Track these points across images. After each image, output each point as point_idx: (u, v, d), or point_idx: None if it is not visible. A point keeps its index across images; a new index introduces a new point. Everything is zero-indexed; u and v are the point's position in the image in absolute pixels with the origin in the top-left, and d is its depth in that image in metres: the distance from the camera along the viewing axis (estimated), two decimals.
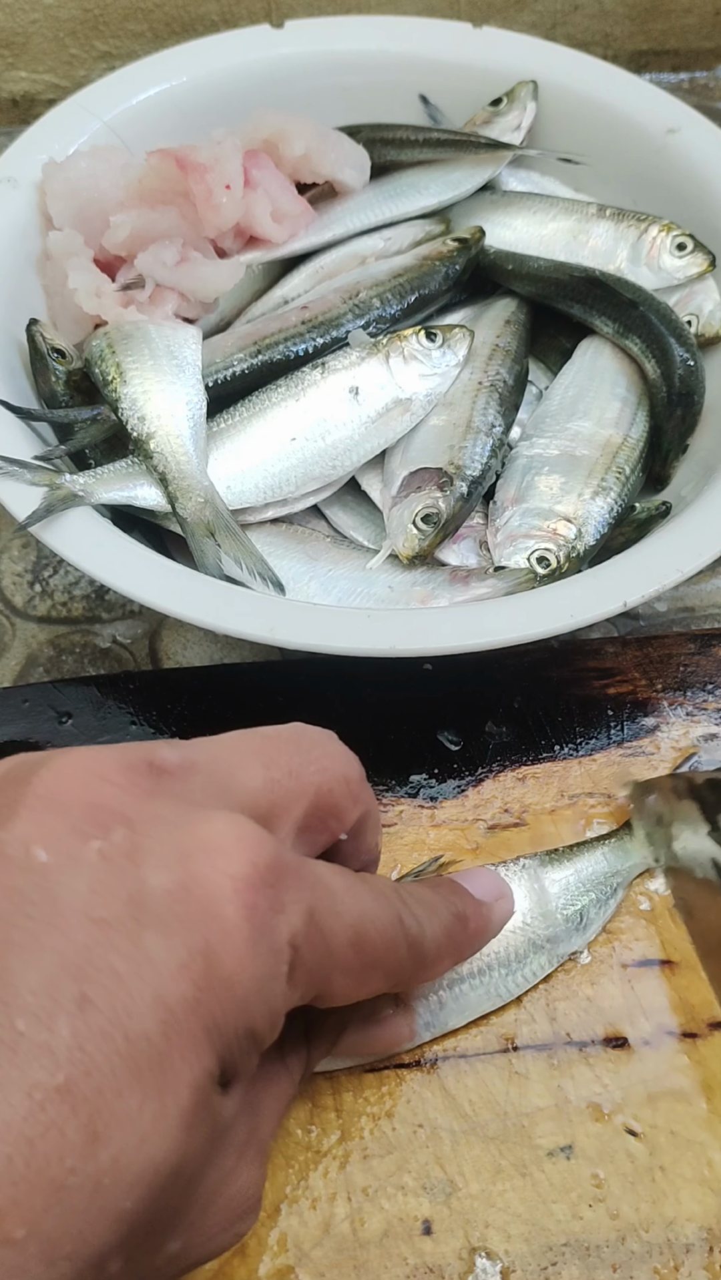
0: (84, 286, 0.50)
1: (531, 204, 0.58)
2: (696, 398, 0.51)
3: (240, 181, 0.51)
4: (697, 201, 0.56)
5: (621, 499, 0.48)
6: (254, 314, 0.55)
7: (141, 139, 0.55)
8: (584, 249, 0.56)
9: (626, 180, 0.59)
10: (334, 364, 0.50)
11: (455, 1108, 0.37)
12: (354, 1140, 0.36)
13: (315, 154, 0.55)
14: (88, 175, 0.52)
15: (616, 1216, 0.35)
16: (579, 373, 0.53)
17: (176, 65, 0.58)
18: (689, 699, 0.47)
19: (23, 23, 0.69)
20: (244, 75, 0.59)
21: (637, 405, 0.51)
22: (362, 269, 0.55)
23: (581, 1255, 0.35)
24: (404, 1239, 0.35)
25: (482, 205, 0.58)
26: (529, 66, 0.60)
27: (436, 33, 0.61)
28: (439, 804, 0.44)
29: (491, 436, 0.49)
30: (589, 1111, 0.37)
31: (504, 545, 0.47)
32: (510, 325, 0.54)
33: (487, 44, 0.61)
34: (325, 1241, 0.35)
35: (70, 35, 0.70)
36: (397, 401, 0.50)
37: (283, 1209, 0.35)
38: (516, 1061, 0.38)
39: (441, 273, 0.54)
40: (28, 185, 0.53)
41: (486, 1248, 0.35)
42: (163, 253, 0.51)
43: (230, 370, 0.50)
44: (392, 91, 0.61)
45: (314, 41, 0.60)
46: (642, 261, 0.55)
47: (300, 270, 0.56)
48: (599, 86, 0.60)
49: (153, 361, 0.48)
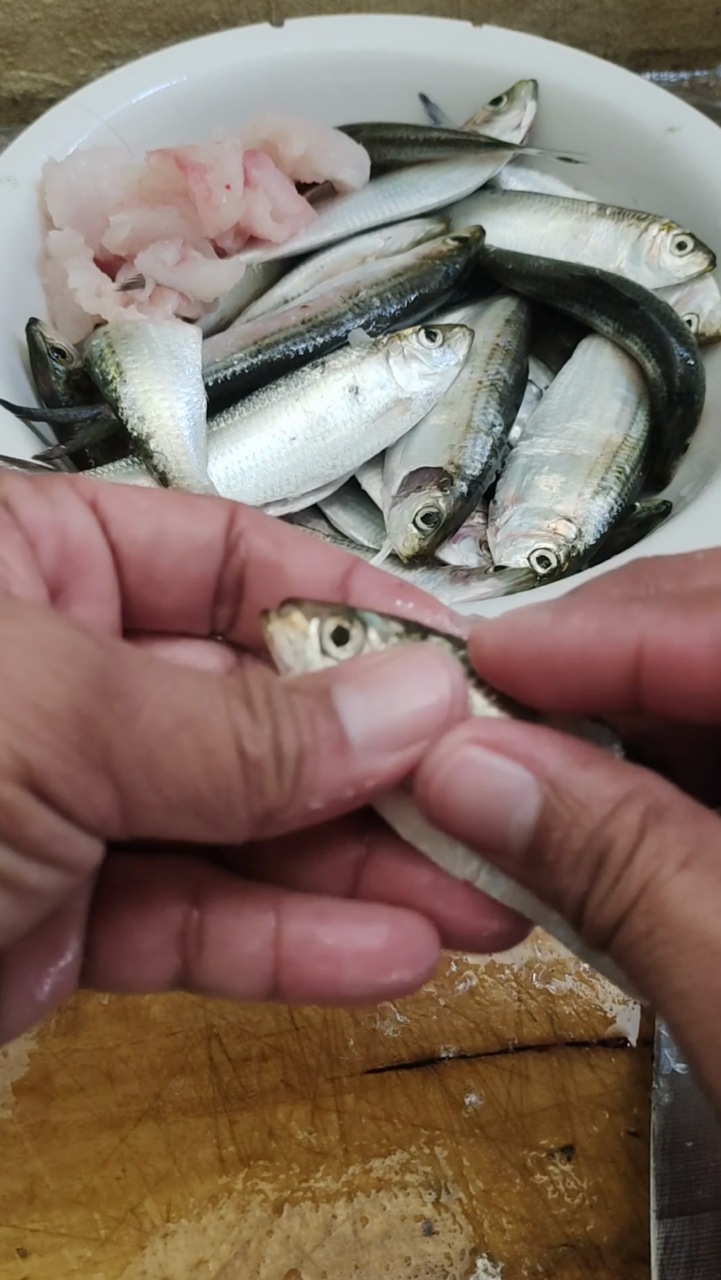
0: (84, 286, 0.50)
1: (531, 203, 0.58)
2: (696, 397, 0.50)
3: (240, 181, 0.51)
4: (698, 201, 0.56)
5: (622, 498, 0.48)
6: (254, 313, 0.55)
7: (141, 138, 0.55)
8: (584, 248, 0.56)
9: (626, 179, 0.59)
10: (334, 363, 0.50)
11: (456, 1108, 0.37)
12: (355, 1141, 0.36)
13: (315, 153, 0.55)
14: (88, 175, 0.52)
15: (617, 1217, 0.35)
16: (579, 372, 0.53)
17: (176, 65, 0.58)
18: None
19: (23, 22, 0.69)
20: (244, 74, 0.59)
21: (638, 404, 0.51)
22: (362, 268, 0.54)
23: (581, 1256, 0.35)
24: (405, 1240, 0.35)
25: (483, 204, 0.58)
26: (529, 65, 0.60)
27: (436, 32, 0.61)
28: None
29: (491, 436, 0.49)
30: (590, 1112, 0.37)
31: (504, 545, 0.47)
32: (510, 324, 0.54)
33: (488, 43, 0.61)
34: (326, 1242, 0.35)
35: (70, 35, 0.70)
36: (397, 401, 0.50)
37: (284, 1209, 0.35)
38: (517, 1062, 0.38)
39: (441, 272, 0.54)
40: (27, 185, 0.53)
41: (487, 1248, 0.35)
42: (163, 252, 0.50)
43: (230, 370, 0.50)
44: (393, 90, 0.61)
45: (314, 40, 0.60)
46: (643, 260, 0.55)
47: (300, 269, 0.56)
48: (599, 85, 0.59)
49: (153, 361, 0.48)
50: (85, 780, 0.19)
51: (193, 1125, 0.37)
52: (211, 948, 0.23)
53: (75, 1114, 0.37)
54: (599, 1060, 0.38)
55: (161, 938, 0.23)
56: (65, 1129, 0.37)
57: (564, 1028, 0.39)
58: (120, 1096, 0.37)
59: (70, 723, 0.18)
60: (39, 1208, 0.35)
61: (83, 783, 0.19)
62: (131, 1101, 0.37)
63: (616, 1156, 0.36)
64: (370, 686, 0.21)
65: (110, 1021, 0.38)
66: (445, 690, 0.21)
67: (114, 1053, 0.38)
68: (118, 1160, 0.36)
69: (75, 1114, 0.37)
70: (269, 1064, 0.38)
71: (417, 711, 0.21)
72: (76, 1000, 0.39)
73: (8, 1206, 0.35)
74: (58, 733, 0.18)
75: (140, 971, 0.23)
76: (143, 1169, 0.36)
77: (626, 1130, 0.37)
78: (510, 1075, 0.38)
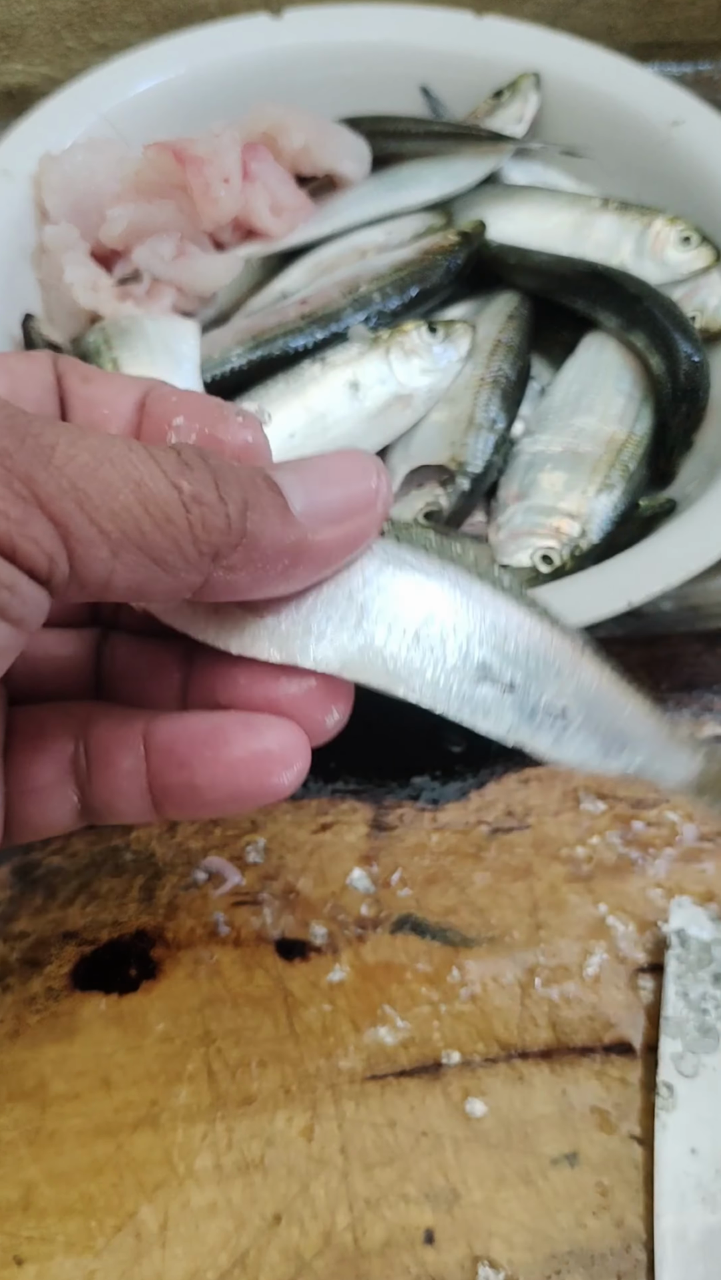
0: (80, 280, 0.50)
1: (534, 197, 0.57)
2: (701, 393, 0.50)
3: (238, 174, 0.50)
4: (702, 194, 0.55)
5: (626, 496, 0.48)
6: (252, 308, 0.54)
7: (138, 131, 0.55)
8: (587, 242, 0.55)
9: (630, 173, 0.58)
10: (334, 359, 0.49)
11: (457, 1115, 0.37)
12: (355, 1149, 0.36)
13: (315, 146, 0.54)
14: (84, 168, 0.52)
15: (621, 1225, 0.35)
16: (582, 368, 0.52)
17: (174, 56, 0.58)
18: (695, 699, 0.47)
19: (18, 14, 0.68)
20: (242, 66, 0.58)
21: (642, 401, 0.51)
22: (363, 262, 0.54)
23: (585, 1264, 0.34)
24: (406, 1248, 0.34)
25: (485, 198, 0.58)
26: (532, 57, 0.59)
27: (438, 22, 0.60)
28: (441, 806, 0.43)
29: (494, 432, 0.49)
30: (593, 1119, 0.37)
31: (507, 543, 0.46)
32: (512, 320, 0.53)
33: (490, 34, 0.60)
34: (326, 1251, 0.34)
35: (66, 27, 0.70)
36: (398, 397, 0.49)
37: (283, 1218, 0.35)
38: (520, 1068, 0.38)
39: (443, 266, 0.53)
40: (23, 178, 0.52)
41: (489, 1257, 0.34)
42: (160, 246, 0.50)
43: (228, 365, 0.49)
44: (393, 82, 0.60)
45: (313, 31, 0.59)
46: (647, 255, 0.54)
47: (299, 264, 0.55)
48: (603, 78, 0.59)
49: (150, 356, 0.47)
50: (16, 512, 0.19)
51: (190, 1132, 0.36)
52: (96, 770, 0.25)
53: (71, 1121, 0.36)
54: (602, 1066, 0.38)
55: (57, 769, 0.25)
56: (61, 1136, 0.36)
57: (566, 1034, 0.38)
58: (117, 1103, 0.37)
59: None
60: (34, 1215, 0.35)
61: (14, 514, 0.19)
62: (128, 1108, 0.37)
63: (620, 1163, 0.36)
64: (306, 471, 0.23)
65: (106, 1027, 0.38)
66: (374, 476, 0.23)
67: (110, 1059, 0.37)
68: (114, 1168, 0.36)
69: (71, 1121, 0.36)
70: (267, 1070, 0.37)
71: (353, 494, 0.23)
72: (72, 1005, 0.38)
73: (3, 1214, 0.35)
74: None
75: (43, 808, 0.25)
76: (140, 1176, 0.35)
77: (630, 1136, 0.36)
78: (512, 1082, 0.37)
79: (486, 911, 0.41)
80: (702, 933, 0.40)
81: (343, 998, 0.39)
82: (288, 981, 0.39)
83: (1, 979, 0.39)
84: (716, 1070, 0.37)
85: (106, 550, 0.19)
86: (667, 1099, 0.36)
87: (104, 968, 0.39)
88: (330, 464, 0.23)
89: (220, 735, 0.24)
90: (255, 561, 0.22)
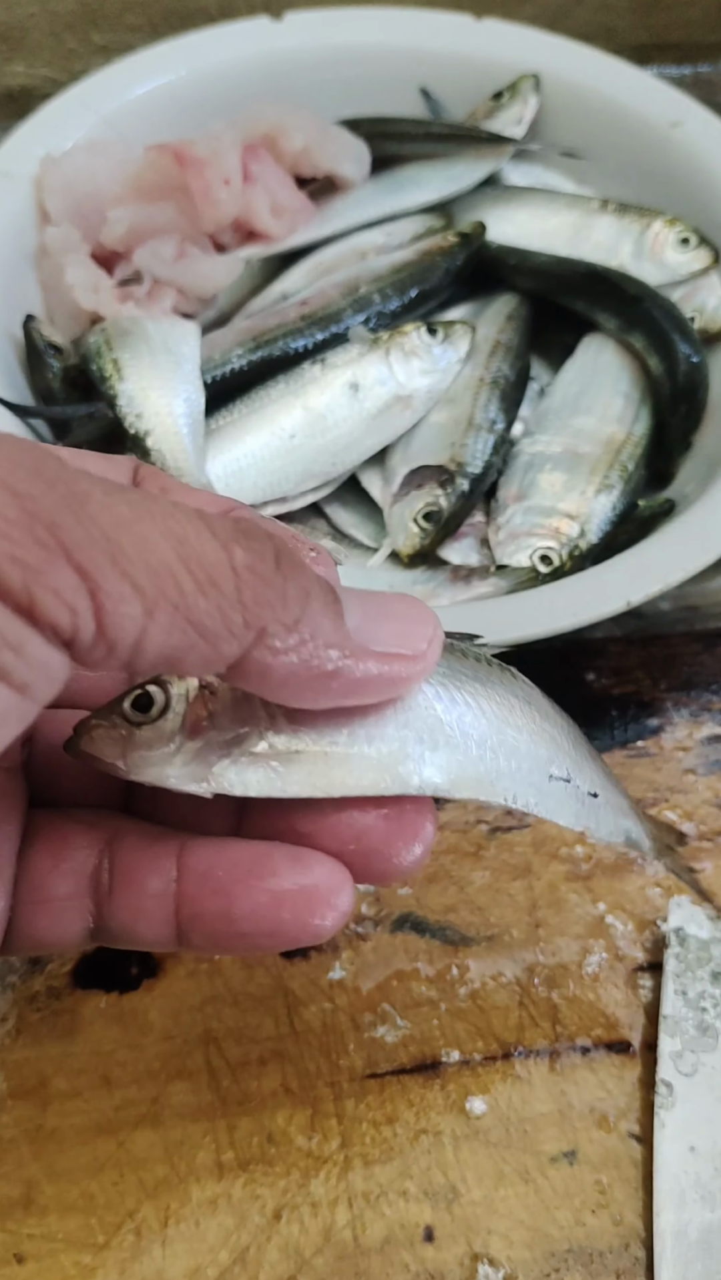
0: (81, 282, 0.50)
1: (533, 199, 0.58)
2: (700, 394, 0.50)
3: (239, 176, 0.50)
4: (701, 196, 0.55)
5: (625, 496, 0.48)
6: (253, 309, 0.54)
7: (139, 133, 0.55)
8: (586, 244, 0.56)
9: (629, 175, 0.58)
10: (333, 360, 0.49)
11: (457, 1113, 0.37)
12: (355, 1146, 0.36)
13: (315, 148, 0.54)
14: (85, 170, 0.52)
15: (620, 1223, 0.35)
16: (581, 369, 0.52)
17: (174, 58, 0.58)
18: (693, 699, 0.47)
19: (19, 16, 0.69)
20: (242, 68, 0.58)
21: (641, 401, 0.51)
22: (363, 264, 0.54)
23: (584, 1262, 0.34)
24: (405, 1246, 0.34)
25: (484, 200, 0.58)
26: (531, 59, 0.59)
27: (437, 25, 0.61)
28: (440, 805, 0.43)
29: (493, 433, 0.49)
30: (592, 1117, 0.37)
31: (506, 543, 0.47)
32: (512, 321, 0.53)
33: (489, 36, 0.60)
34: (326, 1249, 0.34)
35: (67, 29, 0.70)
36: (398, 398, 0.49)
37: (283, 1215, 0.35)
38: (519, 1066, 0.38)
39: (442, 268, 0.53)
40: (24, 179, 0.52)
41: (488, 1254, 0.34)
42: (160, 248, 0.50)
43: (228, 366, 0.49)
44: (393, 84, 0.60)
45: (313, 34, 0.60)
46: (646, 257, 0.54)
47: (299, 265, 0.55)
48: (602, 80, 0.59)
49: (150, 358, 0.47)
50: (35, 559, 0.16)
51: (191, 1130, 0.36)
52: (119, 888, 0.23)
53: (72, 1119, 0.36)
54: (601, 1065, 0.38)
55: (75, 882, 0.23)
56: (62, 1134, 0.36)
57: (565, 1032, 0.38)
58: (118, 1101, 0.37)
59: (2, 498, 0.16)
60: (35, 1213, 0.35)
61: (33, 561, 0.16)
62: (129, 1106, 0.37)
63: (619, 1161, 0.36)
64: (369, 601, 0.22)
65: (107, 1025, 0.38)
66: (430, 624, 0.22)
67: (111, 1057, 0.37)
68: (115, 1165, 0.36)
69: (72, 1119, 0.36)
70: (268, 1068, 0.37)
71: (408, 631, 0.22)
72: (74, 1004, 0.38)
73: (4, 1212, 0.35)
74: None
75: (54, 922, 0.23)
76: (140, 1174, 0.36)
77: (629, 1135, 0.37)
78: (511, 1080, 0.37)
79: (486, 910, 0.41)
80: (701, 931, 0.40)
81: (343, 996, 0.39)
82: (288, 980, 0.39)
83: (3, 977, 0.39)
84: (715, 1068, 0.37)
85: (139, 607, 0.17)
86: (666, 1097, 0.37)
87: (105, 966, 0.39)
88: (395, 601, 0.22)
89: (266, 865, 0.22)
90: (303, 650, 0.20)
